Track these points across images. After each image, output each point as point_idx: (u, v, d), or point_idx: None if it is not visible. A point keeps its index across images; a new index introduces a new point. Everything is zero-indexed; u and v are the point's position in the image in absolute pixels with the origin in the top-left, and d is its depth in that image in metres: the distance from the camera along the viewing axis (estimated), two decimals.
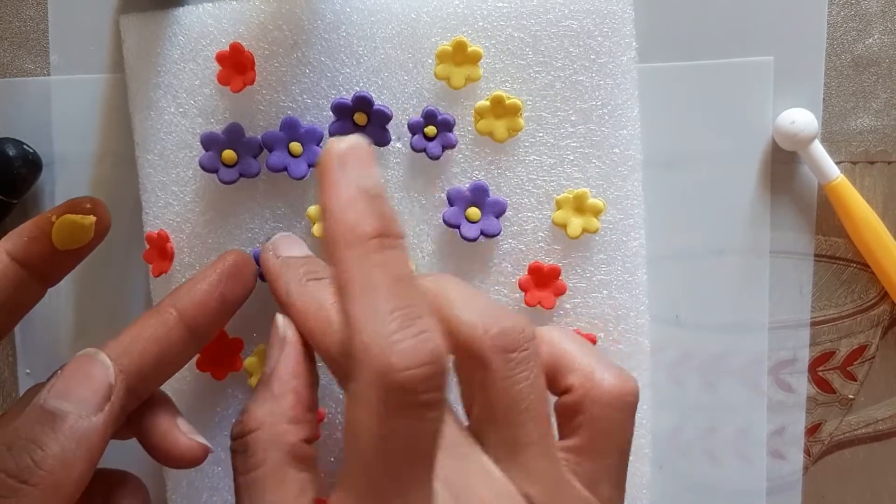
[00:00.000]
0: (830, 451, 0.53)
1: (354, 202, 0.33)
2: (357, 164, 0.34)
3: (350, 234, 0.32)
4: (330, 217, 0.33)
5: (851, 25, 0.50)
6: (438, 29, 0.48)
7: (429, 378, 0.30)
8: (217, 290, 0.44)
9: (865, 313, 0.52)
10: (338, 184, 0.33)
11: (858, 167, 0.51)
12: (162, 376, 0.43)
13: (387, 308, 0.31)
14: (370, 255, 0.32)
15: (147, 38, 0.49)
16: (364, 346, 0.31)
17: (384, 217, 0.33)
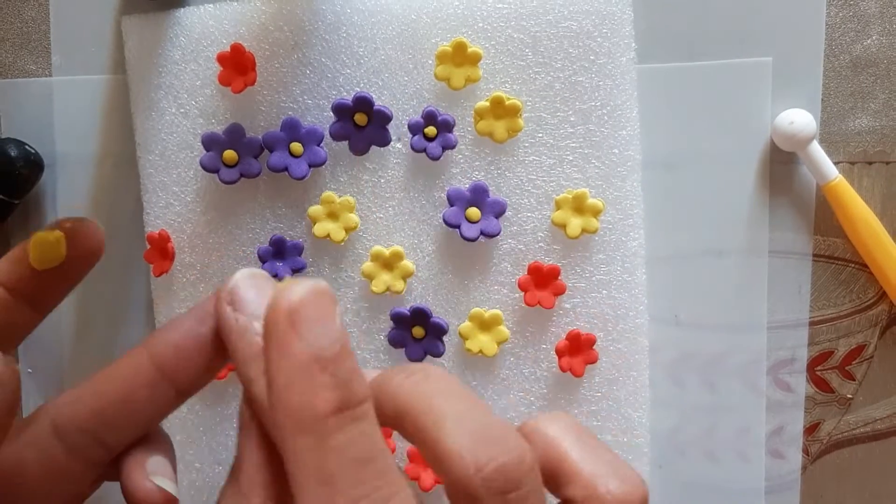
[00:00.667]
0: (829, 450, 0.53)
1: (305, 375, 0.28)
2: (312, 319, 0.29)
3: (300, 415, 0.28)
4: (275, 394, 0.28)
5: (850, 26, 0.50)
6: (438, 30, 0.48)
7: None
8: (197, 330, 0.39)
9: (864, 313, 0.52)
10: (285, 350, 0.28)
11: (857, 167, 0.51)
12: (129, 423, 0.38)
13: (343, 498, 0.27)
14: (325, 438, 0.28)
15: (148, 39, 0.49)
16: None
17: (342, 385, 0.28)
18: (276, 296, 0.29)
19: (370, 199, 0.49)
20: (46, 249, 0.40)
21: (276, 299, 0.29)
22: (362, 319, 0.50)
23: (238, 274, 0.35)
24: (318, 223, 0.48)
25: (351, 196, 0.49)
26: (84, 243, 0.40)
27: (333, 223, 0.48)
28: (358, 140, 0.48)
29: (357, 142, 0.48)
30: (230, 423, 0.50)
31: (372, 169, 0.49)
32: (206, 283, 0.50)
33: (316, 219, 0.48)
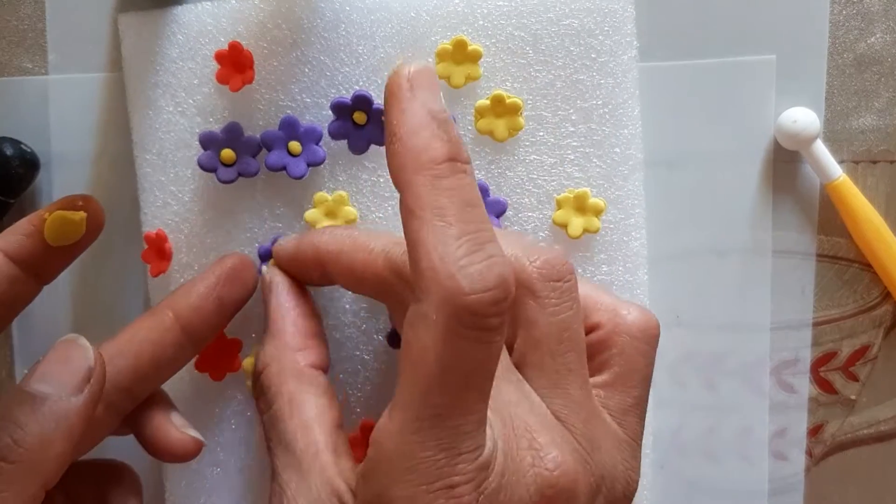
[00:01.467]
0: (833, 451, 0.53)
1: (425, 126, 0.33)
2: (426, 87, 0.34)
3: (420, 158, 0.33)
4: (399, 141, 0.33)
5: (853, 24, 0.49)
6: (438, 27, 0.48)
7: (496, 302, 0.31)
8: (214, 293, 0.45)
9: (868, 313, 0.52)
10: (407, 107, 0.34)
11: (861, 166, 0.50)
12: (158, 377, 0.44)
13: (455, 233, 0.31)
14: (440, 179, 0.32)
15: (145, 36, 0.49)
16: (432, 270, 0.31)
17: (453, 141, 0.33)
18: (397, 69, 0.34)
19: (369, 198, 0.49)
20: (67, 227, 0.43)
21: (396, 70, 0.34)
22: (362, 320, 0.49)
23: None
24: (317, 225, 0.48)
25: (342, 191, 0.49)
26: (96, 221, 0.45)
27: (333, 220, 0.48)
28: (357, 139, 0.48)
29: (356, 140, 0.48)
30: (227, 425, 0.50)
31: (371, 168, 0.49)
32: None
33: (314, 222, 0.48)
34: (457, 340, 0.31)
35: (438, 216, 0.32)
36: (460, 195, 0.32)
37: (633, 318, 0.40)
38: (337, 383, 0.49)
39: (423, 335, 0.31)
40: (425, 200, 0.32)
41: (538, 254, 0.38)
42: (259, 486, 0.50)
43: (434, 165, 0.32)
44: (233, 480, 0.50)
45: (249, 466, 0.50)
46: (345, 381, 0.50)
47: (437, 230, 0.31)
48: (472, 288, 0.30)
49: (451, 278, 0.30)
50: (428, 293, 0.31)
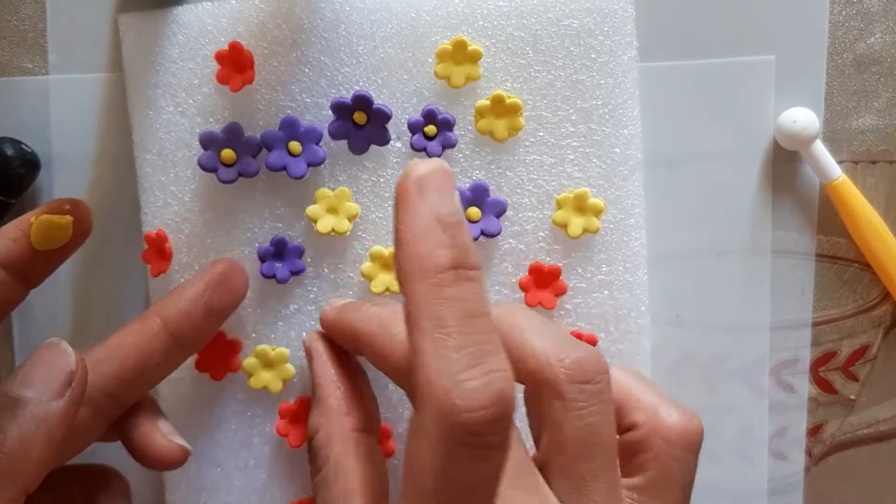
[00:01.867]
0: (832, 451, 0.53)
1: (430, 231, 0.32)
2: (436, 191, 0.33)
3: (423, 265, 0.32)
4: (403, 246, 0.32)
5: (853, 24, 0.50)
6: (439, 28, 0.48)
7: (493, 421, 0.30)
8: (203, 299, 0.45)
9: (867, 313, 0.52)
10: (414, 211, 0.32)
11: (860, 167, 0.51)
12: (145, 383, 0.44)
13: (454, 345, 0.30)
14: (443, 288, 0.31)
15: (146, 36, 0.49)
16: (428, 383, 0.30)
17: (460, 248, 0.32)
18: (408, 169, 0.33)
19: (369, 198, 0.49)
20: (54, 231, 0.43)
21: (407, 172, 0.33)
22: None
23: None
24: (319, 221, 0.48)
25: (346, 184, 0.49)
26: (83, 225, 0.44)
27: (335, 216, 0.48)
28: (357, 139, 0.48)
29: (356, 141, 0.48)
30: (227, 425, 0.50)
31: (371, 168, 0.49)
32: None
33: (316, 217, 0.48)
34: (452, 457, 0.30)
35: (438, 327, 0.31)
36: (463, 306, 0.31)
37: (672, 422, 0.39)
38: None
39: (421, 448, 0.31)
40: (425, 310, 0.31)
41: (568, 352, 0.36)
42: (258, 486, 0.50)
43: (437, 274, 0.31)
44: (232, 480, 0.50)
45: (249, 466, 0.50)
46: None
47: (436, 342, 0.31)
48: (467, 405, 0.29)
49: (446, 394, 0.30)
50: (425, 406, 0.30)
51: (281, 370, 0.49)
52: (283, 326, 0.50)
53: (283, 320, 0.50)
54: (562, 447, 0.36)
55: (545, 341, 0.37)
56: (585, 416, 0.36)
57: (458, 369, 0.30)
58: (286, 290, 0.49)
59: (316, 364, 0.44)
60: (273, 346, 0.49)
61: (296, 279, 0.49)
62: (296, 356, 0.50)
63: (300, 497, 0.50)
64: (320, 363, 0.44)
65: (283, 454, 0.50)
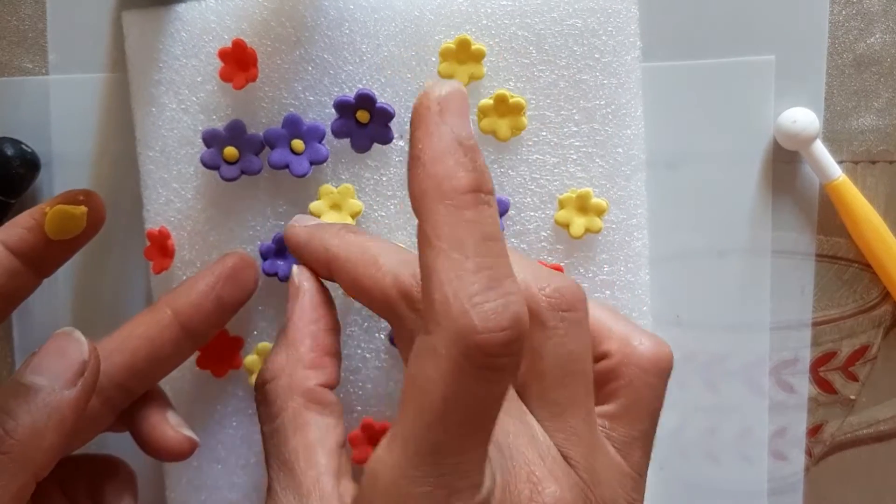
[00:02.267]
0: (832, 451, 0.53)
1: (451, 153, 0.32)
2: (456, 113, 0.33)
3: (443, 185, 0.31)
4: (422, 166, 0.32)
5: (853, 24, 0.50)
6: (442, 27, 0.48)
7: (509, 343, 0.30)
8: (214, 292, 0.45)
9: (867, 314, 0.52)
10: (434, 131, 0.32)
11: (860, 167, 0.51)
12: (155, 374, 0.44)
13: (472, 267, 0.30)
14: (461, 210, 0.31)
15: (149, 34, 0.49)
16: (445, 304, 0.30)
17: (479, 171, 0.32)
18: (427, 89, 0.33)
19: (372, 196, 0.49)
20: (68, 221, 0.43)
21: (426, 91, 0.33)
22: (363, 318, 0.49)
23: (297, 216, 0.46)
24: (322, 217, 0.48)
25: (348, 182, 0.49)
26: (97, 215, 0.44)
27: (338, 213, 0.48)
28: (360, 137, 0.48)
29: (359, 139, 0.48)
30: (228, 422, 0.50)
31: (374, 167, 0.49)
32: None
33: (319, 213, 0.48)
34: (465, 378, 0.30)
35: (456, 248, 0.31)
36: (481, 228, 0.31)
37: (644, 350, 0.39)
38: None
39: (430, 369, 0.30)
40: (444, 231, 0.31)
41: (549, 281, 0.37)
42: (260, 484, 0.50)
43: (457, 195, 0.31)
44: (234, 477, 0.50)
45: (250, 463, 0.50)
46: (345, 378, 0.49)
47: (453, 263, 0.30)
48: (485, 326, 0.29)
49: (464, 314, 0.29)
50: (438, 327, 0.30)
51: None
52: None
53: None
54: (541, 374, 0.36)
55: (525, 271, 0.37)
56: (566, 342, 0.36)
57: (476, 290, 0.30)
58: (288, 288, 0.49)
59: (299, 304, 0.42)
60: None
61: None
62: None
63: None
64: (304, 304, 0.42)
65: None
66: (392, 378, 0.50)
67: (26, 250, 0.43)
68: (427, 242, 0.31)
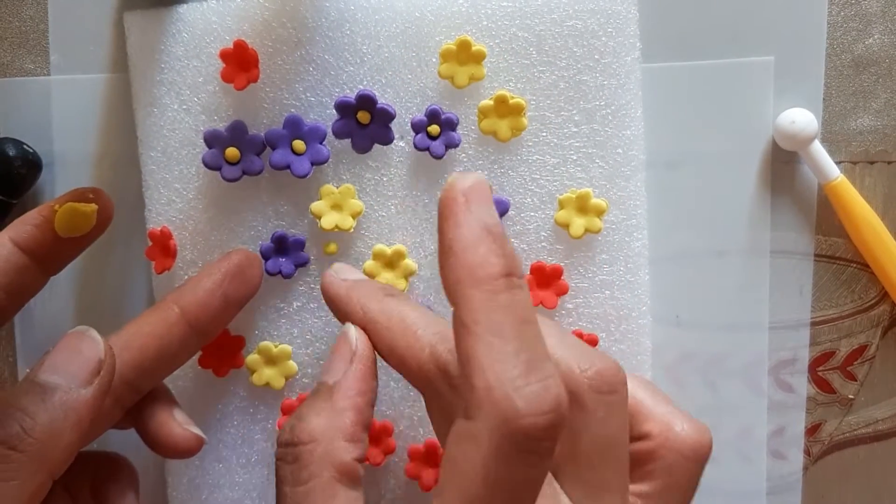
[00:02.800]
0: (831, 451, 0.53)
1: (481, 241, 0.33)
2: (482, 202, 0.34)
3: (477, 273, 0.32)
4: (454, 255, 0.33)
5: (852, 25, 0.50)
6: (443, 28, 0.48)
7: (551, 427, 0.30)
8: (220, 289, 0.45)
9: (865, 313, 0.52)
10: (463, 221, 0.33)
11: (858, 167, 0.51)
12: (162, 371, 0.44)
13: (512, 351, 0.31)
14: (496, 295, 0.32)
15: (151, 35, 0.49)
16: (487, 390, 0.30)
17: (509, 256, 0.33)
18: (452, 182, 0.34)
19: (372, 197, 0.49)
20: (78, 219, 0.43)
21: (451, 184, 0.34)
22: None
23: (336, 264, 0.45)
24: (323, 217, 0.48)
25: (349, 183, 0.49)
26: (106, 213, 0.45)
27: (339, 213, 0.48)
28: (360, 138, 0.48)
29: (360, 140, 0.48)
30: (230, 421, 0.50)
31: (374, 167, 0.49)
32: None
33: (320, 213, 0.48)
34: (507, 462, 0.30)
35: (494, 333, 0.31)
36: (516, 312, 0.32)
37: (685, 436, 0.39)
38: None
39: (472, 453, 0.31)
40: (481, 316, 0.31)
41: (591, 363, 0.36)
42: (261, 482, 0.50)
43: (491, 281, 0.32)
44: (235, 476, 0.50)
45: (251, 462, 0.50)
46: None
47: (492, 347, 0.31)
48: (528, 410, 0.30)
49: (507, 399, 0.30)
50: (480, 411, 0.30)
51: (283, 367, 0.49)
52: (285, 324, 0.50)
53: (286, 317, 0.50)
54: (578, 455, 0.36)
55: (567, 350, 0.37)
56: (605, 426, 0.36)
57: (517, 374, 0.30)
58: (290, 287, 0.50)
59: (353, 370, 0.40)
60: (276, 342, 0.50)
61: (299, 276, 0.49)
62: (298, 353, 0.50)
63: None
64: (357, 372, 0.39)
65: None
66: (392, 378, 0.50)
67: (35, 247, 0.43)
68: (464, 328, 0.32)
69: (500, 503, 0.31)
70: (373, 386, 0.40)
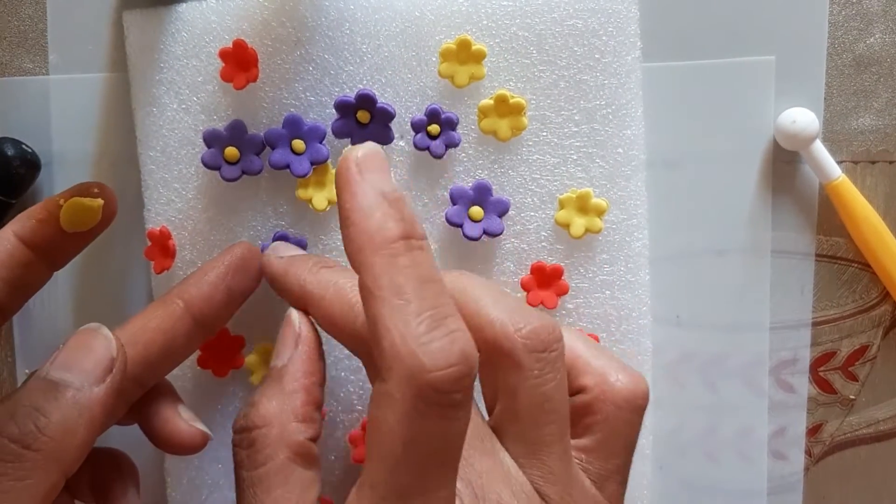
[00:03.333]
0: (832, 451, 0.53)
1: (377, 206, 0.33)
2: (375, 170, 0.34)
3: (375, 237, 0.33)
4: (352, 223, 0.33)
5: (853, 25, 0.50)
6: (443, 27, 0.48)
7: (459, 378, 0.31)
8: (224, 283, 0.45)
9: (867, 313, 0.52)
10: (358, 190, 0.34)
11: (860, 167, 0.51)
12: (167, 366, 0.44)
13: (415, 310, 0.31)
14: (396, 257, 0.32)
15: (150, 34, 0.49)
16: (393, 349, 0.31)
17: (407, 219, 0.33)
18: (345, 154, 0.35)
19: None
20: (85, 214, 0.43)
21: (345, 156, 0.35)
22: None
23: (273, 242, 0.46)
24: (314, 199, 0.48)
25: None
26: (111, 208, 0.45)
27: (326, 189, 0.48)
28: (360, 138, 0.48)
29: (359, 139, 0.48)
30: (229, 421, 0.49)
31: None
32: None
33: (308, 197, 0.48)
34: (421, 418, 0.31)
35: (397, 294, 0.32)
36: (417, 272, 0.32)
37: (620, 386, 0.39)
38: (339, 380, 0.50)
39: (388, 414, 0.31)
40: (383, 279, 0.32)
41: (525, 321, 0.37)
42: None
43: (389, 245, 0.33)
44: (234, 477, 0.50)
45: None
46: (345, 378, 0.50)
47: (396, 308, 0.31)
48: (434, 364, 0.30)
49: (412, 356, 0.30)
50: (390, 372, 0.31)
51: None
52: None
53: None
54: (517, 414, 0.37)
55: (500, 310, 0.38)
56: (541, 384, 0.36)
57: (421, 332, 0.31)
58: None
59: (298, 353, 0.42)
60: None
61: None
62: None
63: None
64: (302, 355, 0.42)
65: None
66: None
67: (39, 242, 0.43)
68: (369, 293, 0.32)
69: (421, 460, 0.31)
70: (320, 366, 0.42)
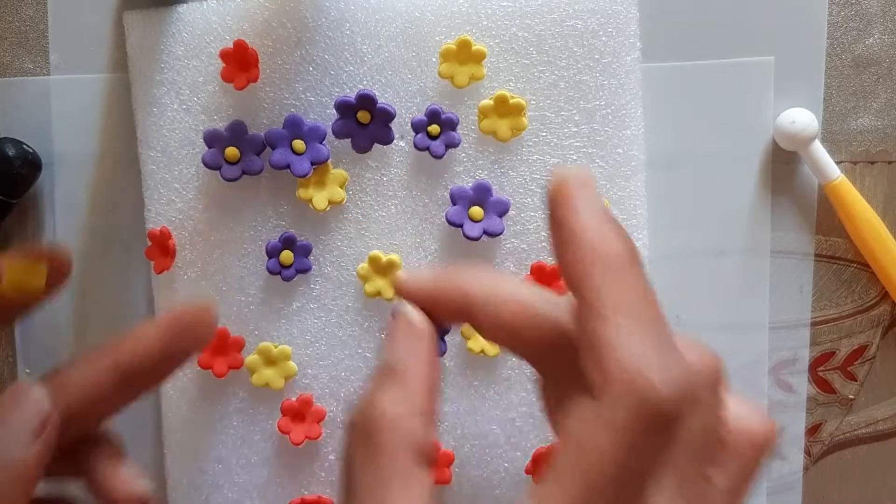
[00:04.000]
0: (831, 451, 0.53)
1: (602, 224, 0.32)
2: (590, 187, 0.33)
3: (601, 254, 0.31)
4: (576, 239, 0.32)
5: (852, 25, 0.50)
6: (443, 27, 0.48)
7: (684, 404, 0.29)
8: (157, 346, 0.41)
9: (866, 313, 0.52)
10: (582, 208, 0.33)
11: (859, 167, 0.51)
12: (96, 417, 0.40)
13: (643, 331, 0.30)
14: (621, 273, 0.31)
15: (151, 34, 0.49)
16: (622, 368, 0.29)
17: (624, 234, 0.32)
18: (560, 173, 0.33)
19: (372, 197, 0.49)
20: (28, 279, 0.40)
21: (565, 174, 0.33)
22: (363, 318, 0.49)
23: None
24: (314, 199, 0.48)
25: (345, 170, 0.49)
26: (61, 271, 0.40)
27: (327, 189, 0.48)
28: (361, 138, 0.48)
29: (360, 139, 0.48)
30: (229, 421, 0.50)
31: (374, 167, 0.49)
32: (207, 280, 0.50)
33: (309, 197, 0.48)
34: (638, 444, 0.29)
35: (623, 314, 0.30)
36: (642, 290, 0.31)
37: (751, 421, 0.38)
38: (340, 380, 0.50)
39: (599, 433, 0.29)
40: (607, 297, 0.30)
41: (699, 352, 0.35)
42: (260, 483, 0.50)
43: (618, 259, 0.31)
44: (234, 476, 0.50)
45: (251, 462, 0.50)
46: (345, 378, 0.50)
47: (620, 328, 0.30)
48: (668, 391, 0.29)
49: (644, 379, 0.29)
50: (612, 392, 0.29)
51: (283, 367, 0.49)
52: (285, 324, 0.50)
53: (285, 318, 0.50)
54: None
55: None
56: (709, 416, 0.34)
57: (651, 354, 0.29)
58: (289, 287, 0.49)
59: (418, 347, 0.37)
60: (275, 343, 0.50)
61: (299, 278, 0.49)
62: (298, 353, 0.50)
63: (301, 494, 0.50)
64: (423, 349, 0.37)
65: (284, 451, 0.50)
66: None
67: None
68: (590, 309, 0.31)
69: (625, 484, 0.30)
70: (438, 369, 0.38)
